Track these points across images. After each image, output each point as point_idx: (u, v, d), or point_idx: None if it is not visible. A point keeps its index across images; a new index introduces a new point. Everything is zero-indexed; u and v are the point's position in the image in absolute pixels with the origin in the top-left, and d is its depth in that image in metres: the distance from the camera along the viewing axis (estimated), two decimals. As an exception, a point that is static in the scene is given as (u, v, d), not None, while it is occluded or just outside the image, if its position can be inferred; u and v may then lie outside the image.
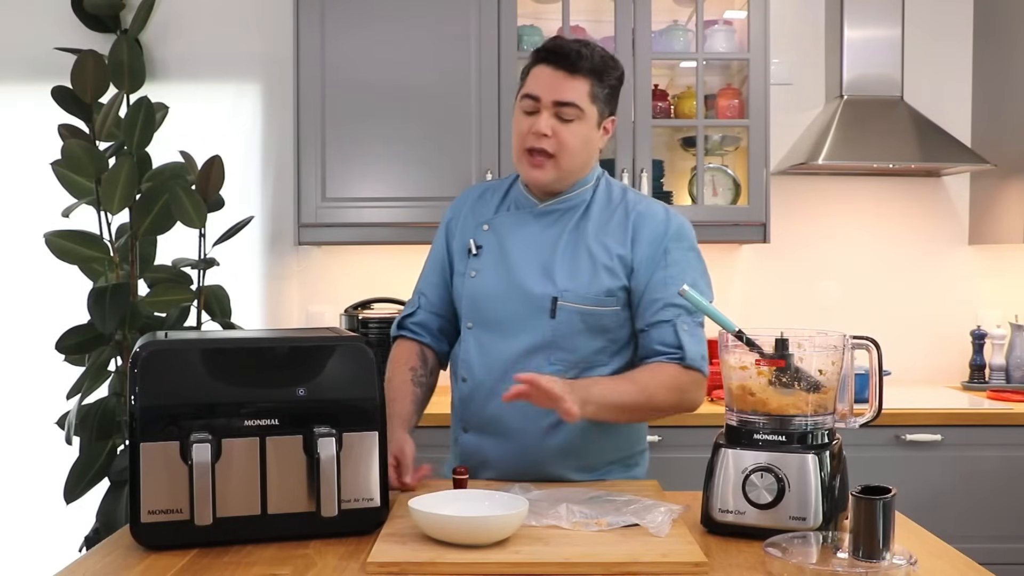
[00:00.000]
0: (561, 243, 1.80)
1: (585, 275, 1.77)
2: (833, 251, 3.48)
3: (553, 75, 1.74)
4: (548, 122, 1.74)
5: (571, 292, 1.77)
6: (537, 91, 1.75)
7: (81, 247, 2.80)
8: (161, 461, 1.37)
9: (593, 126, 1.78)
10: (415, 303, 1.96)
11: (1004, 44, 3.30)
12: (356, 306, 3.21)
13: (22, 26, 3.39)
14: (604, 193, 1.85)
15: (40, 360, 3.08)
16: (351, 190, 3.09)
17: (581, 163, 1.80)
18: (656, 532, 1.42)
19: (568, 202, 1.83)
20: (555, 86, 1.74)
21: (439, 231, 1.96)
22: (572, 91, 1.74)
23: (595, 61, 1.75)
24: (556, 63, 1.74)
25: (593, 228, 1.81)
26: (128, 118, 2.83)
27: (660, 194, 3.18)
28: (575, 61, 1.73)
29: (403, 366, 1.89)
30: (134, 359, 1.40)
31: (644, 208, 1.83)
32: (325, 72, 3.08)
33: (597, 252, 1.79)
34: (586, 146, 1.78)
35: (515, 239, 1.83)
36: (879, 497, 1.28)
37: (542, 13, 3.28)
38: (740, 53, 3.17)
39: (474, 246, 1.86)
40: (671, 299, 1.75)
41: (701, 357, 1.77)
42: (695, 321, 1.78)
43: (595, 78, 1.75)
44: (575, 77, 1.74)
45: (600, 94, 1.76)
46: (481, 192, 1.95)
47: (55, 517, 3.07)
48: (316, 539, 1.44)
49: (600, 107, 1.77)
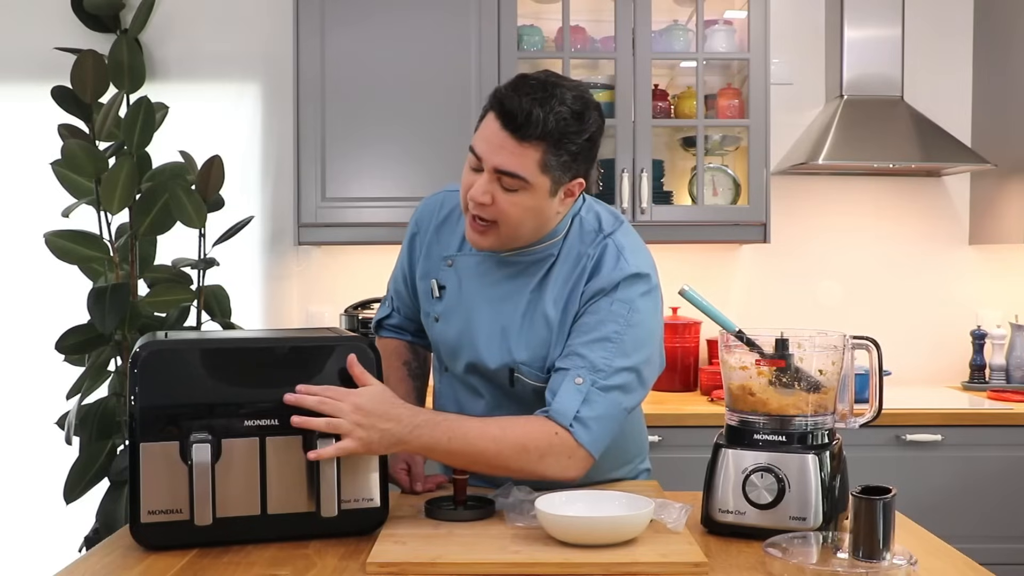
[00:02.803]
0: (522, 305, 1.63)
1: (541, 347, 1.61)
2: (833, 251, 3.48)
3: (500, 136, 1.49)
4: (487, 188, 1.52)
5: (527, 367, 1.62)
6: (480, 151, 1.52)
7: (81, 247, 2.80)
8: (161, 461, 1.37)
9: (544, 196, 1.53)
10: (389, 305, 1.90)
11: (1004, 44, 3.30)
12: (356, 306, 3.20)
13: (22, 26, 3.39)
14: (575, 240, 1.64)
15: (40, 360, 3.08)
16: (351, 190, 3.09)
17: (530, 231, 1.58)
18: (674, 527, 1.43)
19: (533, 255, 1.63)
20: (499, 150, 1.49)
21: (404, 242, 1.82)
22: (516, 161, 1.48)
23: (549, 126, 1.47)
24: (504, 122, 1.48)
25: (554, 290, 1.62)
26: (128, 118, 2.83)
27: (660, 194, 3.18)
28: (523, 125, 1.47)
29: (396, 360, 1.85)
30: (134, 359, 1.40)
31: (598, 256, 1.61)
32: (325, 72, 3.08)
33: (553, 319, 1.60)
34: (533, 215, 1.54)
35: (476, 289, 1.67)
36: (879, 497, 1.28)
37: (542, 13, 3.28)
38: (740, 53, 3.17)
39: (436, 287, 1.71)
40: (576, 348, 1.55)
41: (575, 418, 1.50)
42: (600, 383, 1.53)
43: (549, 146, 1.48)
44: (523, 144, 1.48)
45: (554, 162, 1.50)
46: (448, 211, 1.75)
47: (55, 517, 3.07)
48: (316, 539, 1.44)
49: (556, 175, 1.51)
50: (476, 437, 1.48)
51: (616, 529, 1.37)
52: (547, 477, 1.52)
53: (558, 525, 1.38)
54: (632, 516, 1.38)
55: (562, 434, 1.50)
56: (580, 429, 1.51)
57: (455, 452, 1.48)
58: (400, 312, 1.89)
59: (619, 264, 1.59)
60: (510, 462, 1.49)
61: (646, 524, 1.39)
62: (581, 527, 1.36)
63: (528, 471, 1.51)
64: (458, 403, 1.75)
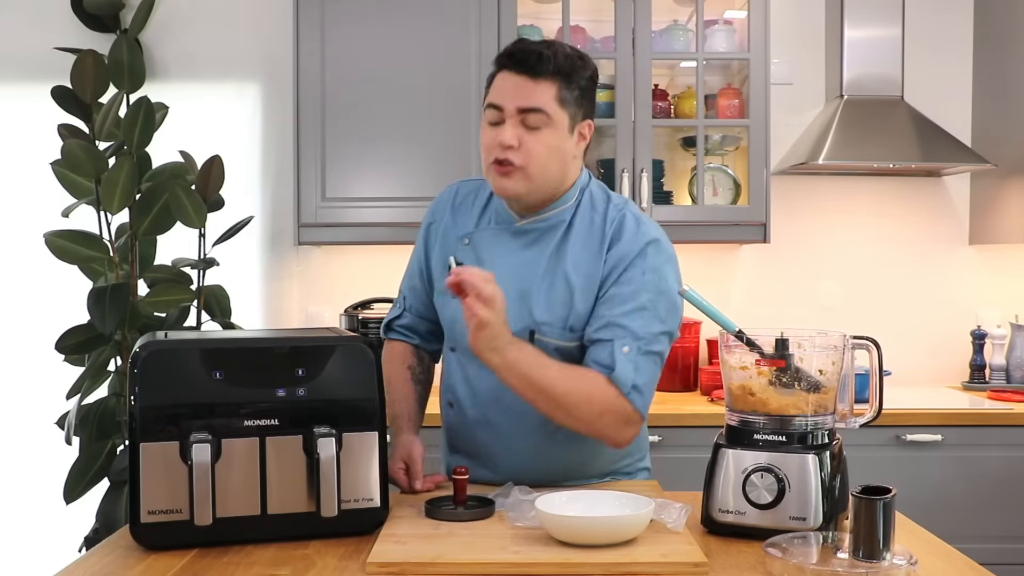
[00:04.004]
0: (540, 268, 1.69)
1: (562, 308, 1.66)
2: (833, 251, 3.48)
3: (516, 81, 1.62)
4: (513, 132, 1.61)
5: (548, 326, 1.66)
6: (500, 100, 1.62)
7: (81, 247, 2.80)
8: (161, 461, 1.37)
9: (564, 133, 1.64)
10: (400, 305, 1.91)
11: (1004, 44, 3.30)
12: (356, 306, 3.20)
13: (22, 26, 3.39)
14: (587, 209, 1.72)
15: (40, 360, 3.08)
16: (351, 190, 3.09)
17: (555, 174, 1.66)
18: (674, 527, 1.43)
19: (548, 220, 1.71)
20: (518, 93, 1.61)
21: (419, 233, 1.87)
22: (537, 96, 1.61)
23: (559, 62, 1.62)
24: (518, 68, 1.62)
25: (572, 253, 1.68)
26: (128, 118, 2.83)
27: (660, 194, 3.18)
28: (536, 64, 1.60)
29: (400, 364, 1.86)
30: (134, 359, 1.40)
31: (618, 224, 1.69)
32: (325, 72, 3.08)
33: (574, 280, 1.67)
34: (557, 155, 1.64)
35: (494, 259, 1.72)
36: (879, 497, 1.28)
37: (542, 13, 3.28)
38: (740, 53, 3.17)
39: (454, 262, 1.72)
40: (615, 318, 1.62)
41: (633, 386, 1.59)
42: (643, 349, 1.61)
43: (562, 80, 1.62)
44: (539, 81, 1.61)
45: (569, 97, 1.63)
46: (463, 196, 1.83)
47: (55, 517, 3.07)
48: (316, 539, 1.44)
49: (571, 111, 1.64)
50: (554, 370, 1.58)
51: (616, 529, 1.37)
52: (599, 433, 1.61)
53: (558, 525, 1.38)
54: (632, 516, 1.38)
55: (622, 400, 1.59)
56: (637, 397, 1.60)
57: (530, 376, 1.56)
58: (412, 311, 1.90)
59: (640, 230, 1.68)
60: (572, 408, 1.58)
61: (646, 524, 1.39)
62: (581, 527, 1.36)
63: (584, 421, 1.60)
64: (467, 378, 1.76)
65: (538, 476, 1.72)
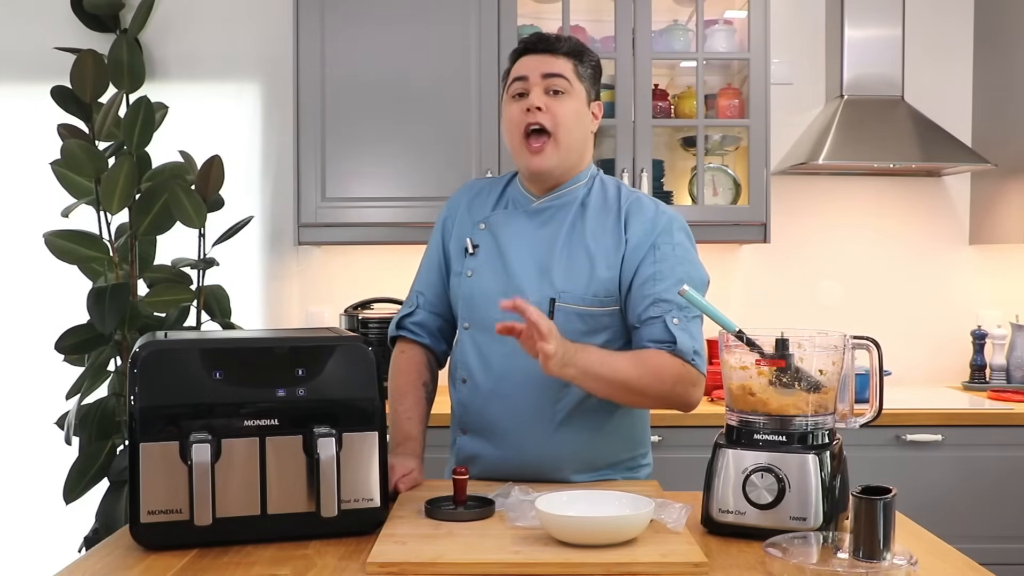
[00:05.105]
0: (559, 242, 1.78)
1: (583, 275, 1.75)
2: (833, 251, 3.48)
3: (536, 58, 1.78)
4: (540, 96, 1.75)
5: (569, 293, 1.75)
6: (524, 71, 1.78)
7: (80, 247, 2.80)
8: (161, 461, 1.37)
9: (583, 103, 1.79)
10: (413, 302, 1.94)
11: (1005, 44, 3.30)
12: (356, 306, 3.20)
13: (22, 26, 3.39)
14: (599, 190, 1.84)
15: (40, 360, 3.08)
16: (351, 190, 3.09)
17: (578, 143, 1.80)
18: (674, 527, 1.43)
19: (563, 198, 1.82)
20: (540, 63, 1.77)
21: (435, 229, 1.95)
22: (559, 66, 1.77)
23: (573, 44, 1.81)
24: (537, 49, 1.79)
25: (590, 225, 1.79)
26: (128, 118, 2.83)
27: (660, 194, 3.18)
28: (553, 44, 1.79)
29: (416, 379, 1.88)
30: (134, 359, 1.40)
31: (635, 202, 1.81)
32: (325, 72, 3.08)
33: (594, 250, 1.76)
34: (580, 122, 1.79)
35: (511, 238, 1.82)
36: (879, 497, 1.28)
37: (542, 13, 3.28)
38: (740, 53, 3.17)
39: (471, 245, 1.84)
40: (659, 295, 1.72)
41: (694, 352, 1.72)
42: (688, 316, 1.73)
43: (576, 58, 1.79)
44: (557, 56, 1.78)
45: (584, 73, 1.80)
46: (478, 190, 1.93)
47: (55, 517, 3.07)
48: (316, 539, 1.44)
49: (587, 86, 1.80)
50: (622, 363, 1.67)
51: (616, 529, 1.36)
52: (676, 402, 1.73)
53: (558, 525, 1.38)
54: (632, 516, 1.38)
55: (687, 367, 1.71)
56: (699, 360, 1.73)
57: (603, 376, 1.64)
58: (425, 308, 1.92)
59: (659, 208, 1.82)
60: (647, 388, 1.68)
61: (646, 524, 1.39)
62: (581, 527, 1.36)
63: (659, 397, 1.71)
64: (480, 353, 1.80)
65: (543, 457, 1.76)
